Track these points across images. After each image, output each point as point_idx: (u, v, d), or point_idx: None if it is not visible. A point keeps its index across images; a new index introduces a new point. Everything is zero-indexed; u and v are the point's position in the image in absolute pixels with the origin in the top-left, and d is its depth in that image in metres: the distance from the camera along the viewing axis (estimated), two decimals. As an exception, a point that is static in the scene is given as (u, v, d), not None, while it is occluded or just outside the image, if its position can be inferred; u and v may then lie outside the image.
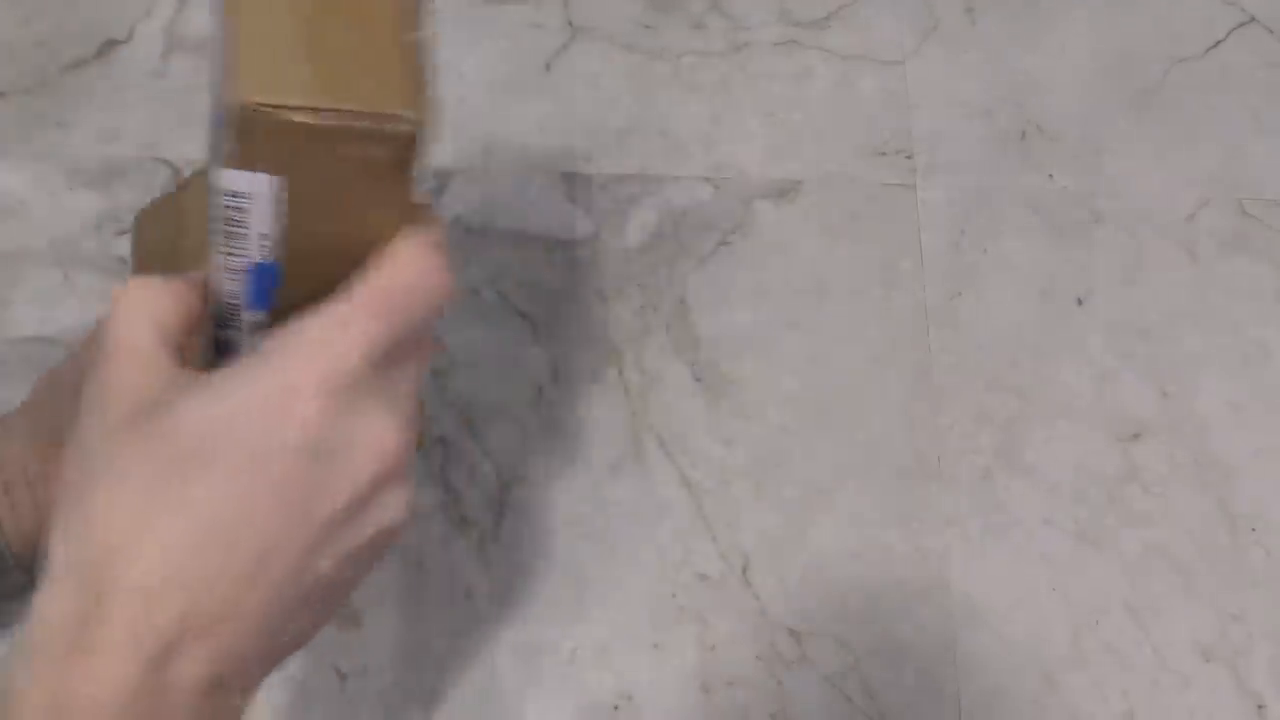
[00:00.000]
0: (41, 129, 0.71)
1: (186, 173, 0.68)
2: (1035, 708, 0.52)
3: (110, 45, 0.74)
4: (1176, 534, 0.56)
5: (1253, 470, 0.57)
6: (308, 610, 0.30)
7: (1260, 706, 0.52)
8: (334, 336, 0.30)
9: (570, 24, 0.74)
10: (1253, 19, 0.73)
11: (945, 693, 0.52)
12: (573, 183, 0.68)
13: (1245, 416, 0.59)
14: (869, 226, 0.66)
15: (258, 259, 0.32)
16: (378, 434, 0.30)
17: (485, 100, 0.71)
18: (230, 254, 0.32)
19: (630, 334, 0.62)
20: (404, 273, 0.32)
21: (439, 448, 0.58)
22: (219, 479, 0.28)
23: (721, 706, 0.53)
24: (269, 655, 0.30)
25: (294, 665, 0.54)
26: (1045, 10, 0.74)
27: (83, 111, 0.71)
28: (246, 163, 0.31)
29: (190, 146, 0.70)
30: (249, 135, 0.30)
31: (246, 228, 0.32)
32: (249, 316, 0.34)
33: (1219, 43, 0.72)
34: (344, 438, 0.30)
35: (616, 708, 0.52)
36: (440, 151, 0.69)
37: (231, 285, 0.33)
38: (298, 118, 0.30)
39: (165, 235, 0.44)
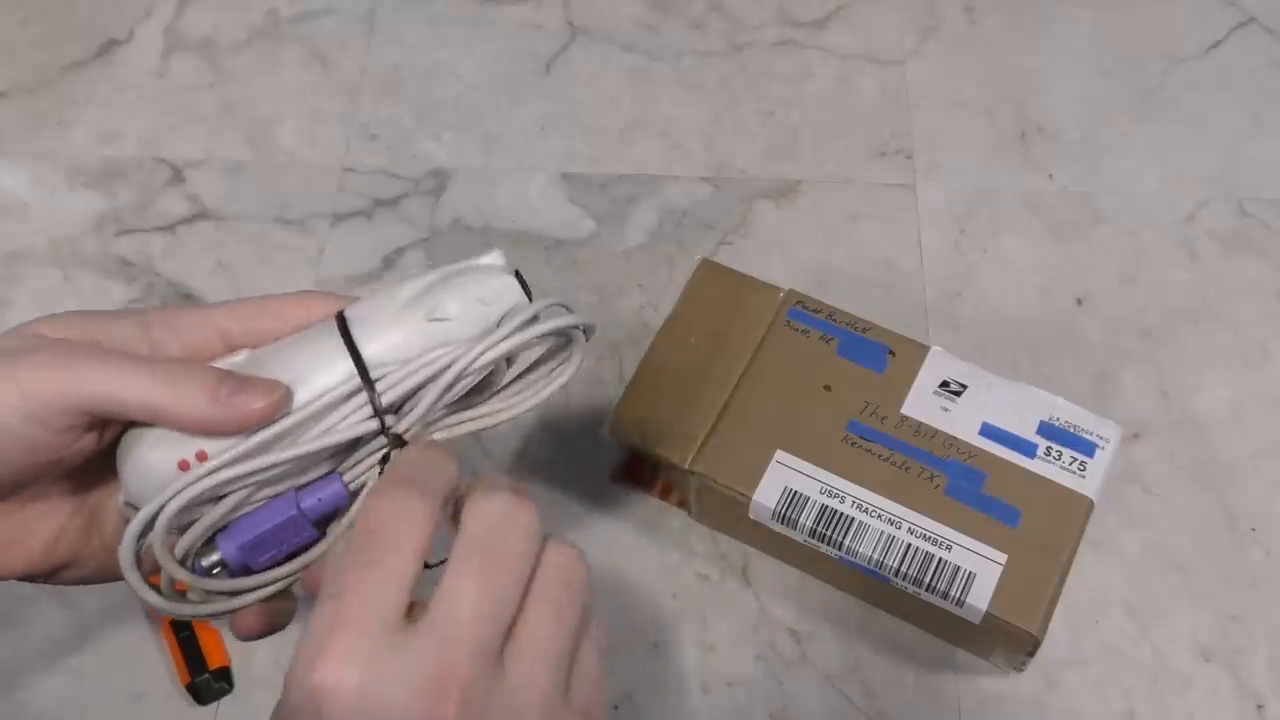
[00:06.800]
0: (41, 129, 0.71)
1: (186, 173, 0.68)
2: (1035, 707, 0.52)
3: (110, 45, 0.74)
4: (1176, 534, 0.56)
5: (1253, 470, 0.57)
6: None
7: (1260, 706, 0.52)
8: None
9: (570, 24, 0.74)
10: (1253, 19, 0.73)
11: (945, 693, 0.52)
12: (573, 183, 0.68)
13: (1245, 416, 0.59)
14: (869, 226, 0.66)
15: None
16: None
17: (485, 100, 0.71)
18: None
19: (630, 334, 0.62)
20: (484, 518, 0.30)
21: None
22: None
23: (721, 706, 0.53)
24: None
25: (294, 665, 0.54)
26: (1045, 10, 0.74)
27: (83, 111, 0.72)
28: None
29: (190, 146, 0.70)
30: None
31: None
32: None
33: (1219, 43, 0.72)
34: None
35: (617, 707, 0.52)
36: (440, 151, 0.69)
37: None
38: None
39: None
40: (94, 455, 0.34)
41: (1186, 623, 0.54)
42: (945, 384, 0.52)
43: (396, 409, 0.34)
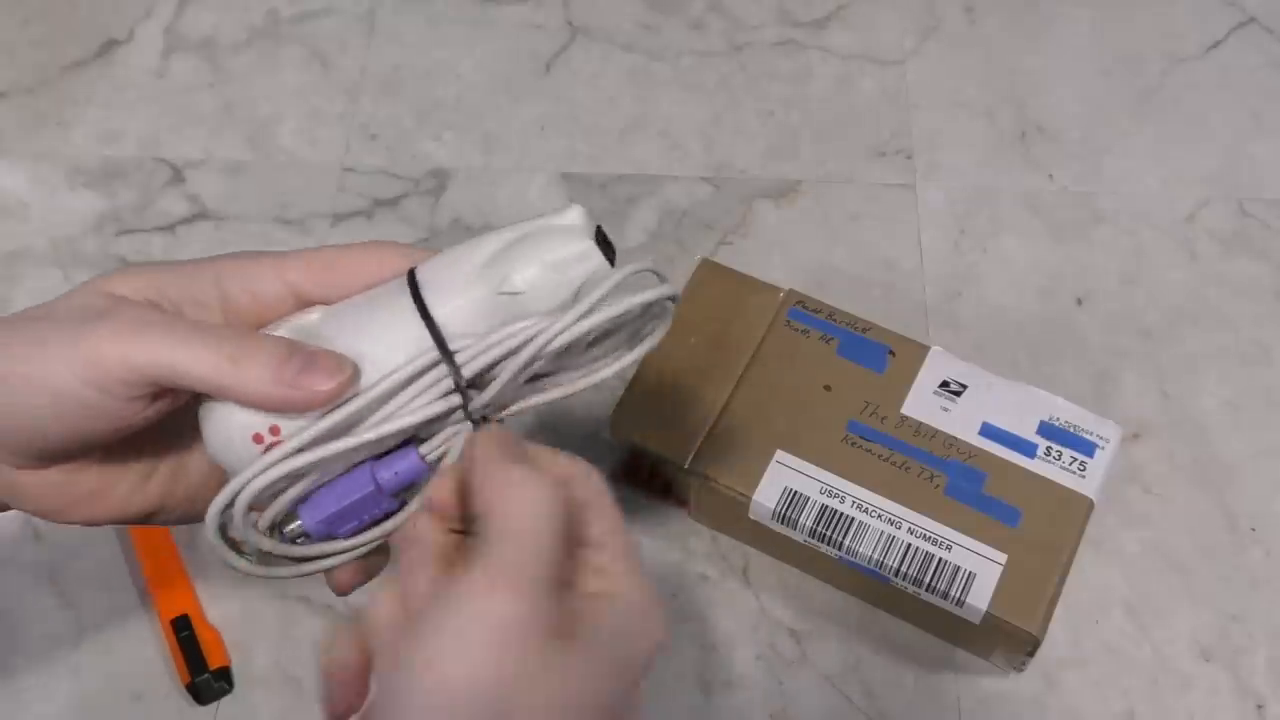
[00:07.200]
0: (41, 129, 0.71)
1: (186, 173, 0.68)
2: (1035, 707, 0.52)
3: (110, 45, 0.74)
4: (1176, 534, 0.56)
5: (1253, 470, 0.57)
6: None
7: (1260, 706, 0.52)
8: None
9: (570, 24, 0.74)
10: (1253, 19, 0.73)
11: (945, 693, 0.52)
12: (573, 183, 0.68)
13: (1245, 416, 0.59)
14: (869, 226, 0.66)
15: None
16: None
17: (485, 100, 0.71)
18: None
19: (630, 334, 0.62)
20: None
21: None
22: None
23: (721, 706, 0.53)
24: None
25: (294, 665, 0.54)
26: (1045, 10, 0.74)
27: (83, 111, 0.72)
28: None
29: (190, 146, 0.70)
30: None
31: None
32: None
33: (1219, 43, 0.72)
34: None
35: (616, 708, 0.52)
36: (440, 151, 0.69)
37: None
38: None
39: None
40: (173, 411, 0.34)
41: (1186, 623, 0.54)
42: (945, 384, 0.52)
43: (472, 385, 0.33)
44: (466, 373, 0.33)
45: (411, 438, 0.34)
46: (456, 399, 0.33)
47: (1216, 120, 0.69)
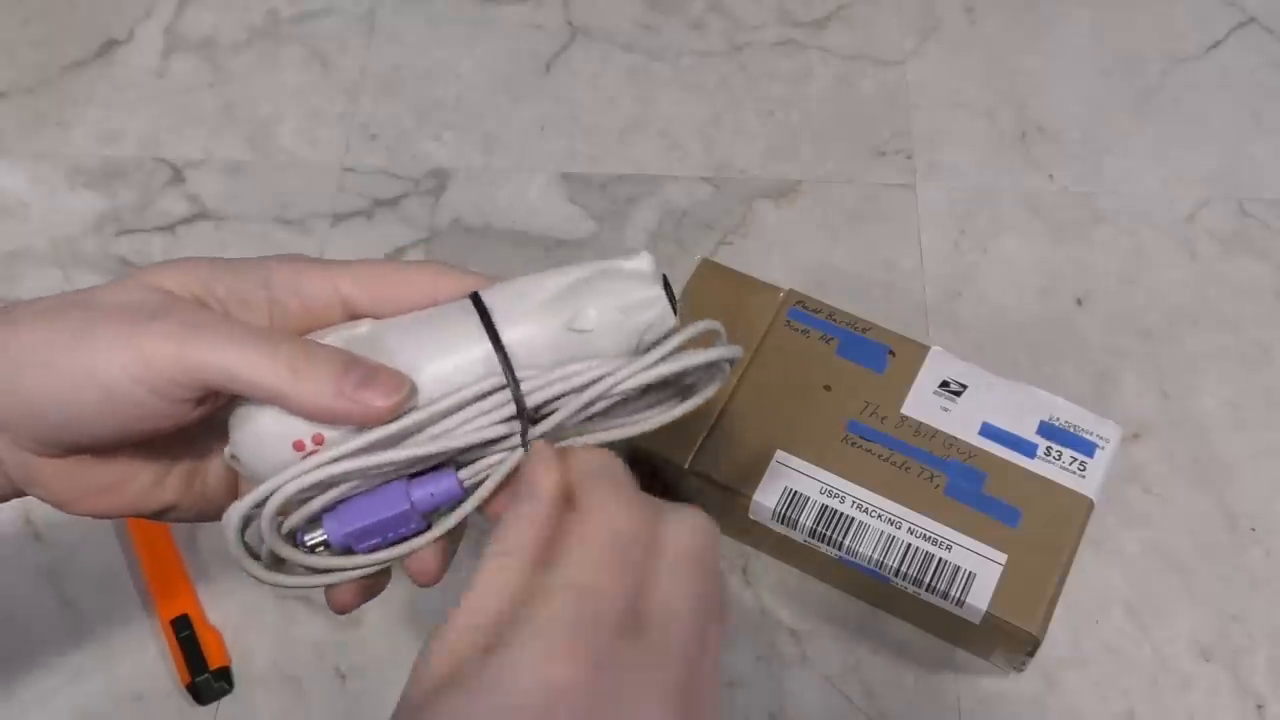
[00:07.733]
0: (41, 129, 0.71)
1: (186, 173, 0.69)
2: (1035, 707, 0.52)
3: (110, 45, 0.74)
4: (1176, 534, 0.56)
5: (1253, 470, 0.57)
6: None
7: (1260, 706, 0.52)
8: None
9: (570, 24, 0.74)
10: (1253, 19, 0.73)
11: (945, 693, 0.52)
12: (573, 183, 0.68)
13: (1245, 416, 0.59)
14: (869, 226, 0.66)
15: None
16: None
17: (485, 100, 0.71)
18: None
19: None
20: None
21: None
22: None
23: (721, 706, 0.52)
24: None
25: (294, 665, 0.54)
26: (1045, 10, 0.74)
27: (83, 111, 0.72)
28: None
29: (190, 147, 0.70)
30: None
31: None
32: None
33: (1219, 43, 0.72)
34: None
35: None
36: (440, 151, 0.69)
37: None
38: None
39: None
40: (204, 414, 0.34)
41: (1186, 623, 0.54)
42: (945, 384, 0.52)
43: (526, 415, 0.33)
44: (530, 402, 0.33)
45: (449, 460, 0.34)
46: (513, 426, 0.33)
47: (1216, 120, 0.69)
